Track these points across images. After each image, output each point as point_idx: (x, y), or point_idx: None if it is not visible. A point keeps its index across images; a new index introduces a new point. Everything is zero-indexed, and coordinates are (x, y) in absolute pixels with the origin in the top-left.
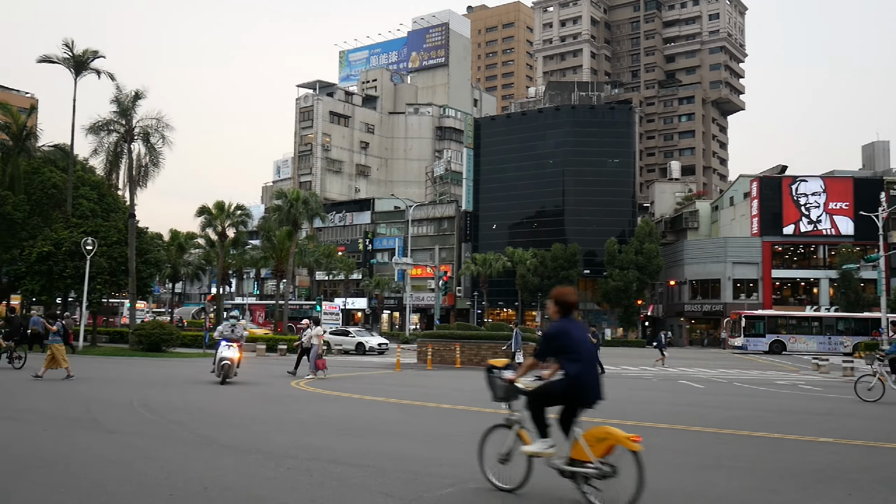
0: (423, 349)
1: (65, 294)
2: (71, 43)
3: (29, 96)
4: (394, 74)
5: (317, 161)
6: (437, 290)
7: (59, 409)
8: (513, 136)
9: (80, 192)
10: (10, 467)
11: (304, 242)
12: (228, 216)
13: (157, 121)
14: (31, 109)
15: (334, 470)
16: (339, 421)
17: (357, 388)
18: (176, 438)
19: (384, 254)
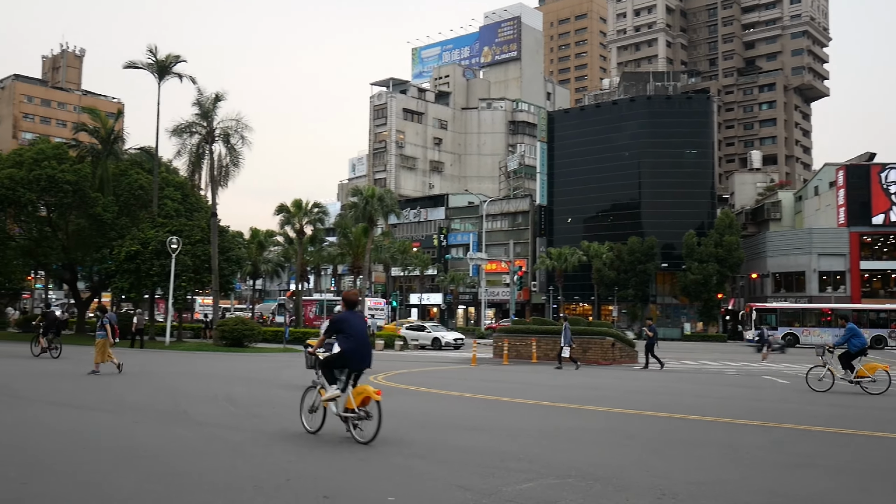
0: (499, 344)
1: (152, 291)
2: (154, 49)
3: (116, 101)
4: (466, 70)
5: (391, 158)
6: (511, 284)
7: (148, 403)
8: (587, 128)
9: (165, 192)
10: (104, 458)
11: (380, 239)
12: (306, 214)
13: (237, 122)
14: (118, 114)
15: (413, 463)
16: (416, 415)
17: (433, 383)
18: (259, 431)
19: (458, 249)
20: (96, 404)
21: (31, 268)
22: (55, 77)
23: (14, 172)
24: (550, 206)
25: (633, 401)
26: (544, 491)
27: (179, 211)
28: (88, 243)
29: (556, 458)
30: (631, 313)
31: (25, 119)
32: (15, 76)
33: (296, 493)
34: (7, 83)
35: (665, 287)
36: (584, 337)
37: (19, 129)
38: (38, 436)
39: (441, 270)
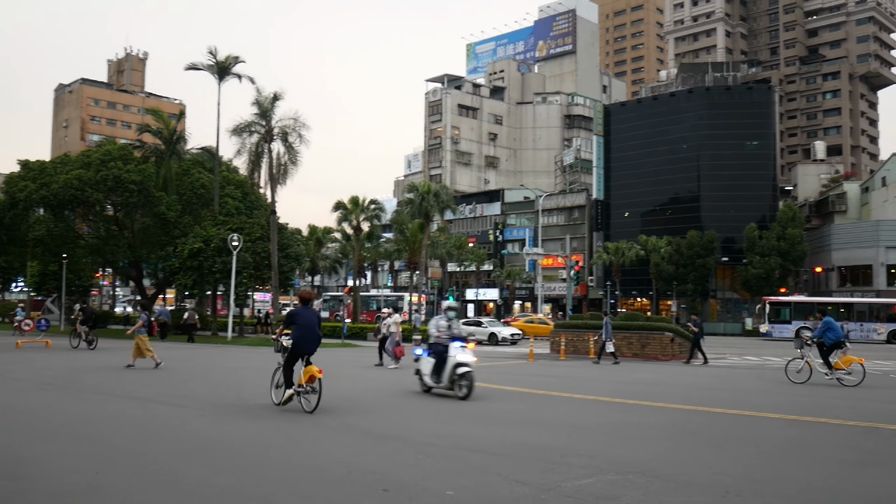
0: (556, 339)
1: (214, 288)
2: (214, 50)
3: (178, 102)
4: (521, 64)
5: (446, 154)
6: (568, 279)
7: (213, 396)
8: (644, 121)
9: (226, 191)
10: (173, 449)
11: (436, 234)
12: (363, 210)
13: (295, 120)
14: (180, 115)
15: (472, 458)
16: (473, 410)
17: (491, 378)
18: (320, 425)
19: (514, 244)
20: (160, 397)
21: (99, 265)
22: (120, 80)
23: (82, 173)
24: (607, 201)
25: (694, 397)
26: (604, 487)
27: (240, 209)
28: (153, 241)
29: (616, 454)
30: (690, 308)
31: (92, 122)
32: (82, 80)
33: (356, 484)
34: (75, 87)
35: (725, 282)
36: (643, 332)
37: (87, 131)
38: (108, 428)
39: (497, 266)
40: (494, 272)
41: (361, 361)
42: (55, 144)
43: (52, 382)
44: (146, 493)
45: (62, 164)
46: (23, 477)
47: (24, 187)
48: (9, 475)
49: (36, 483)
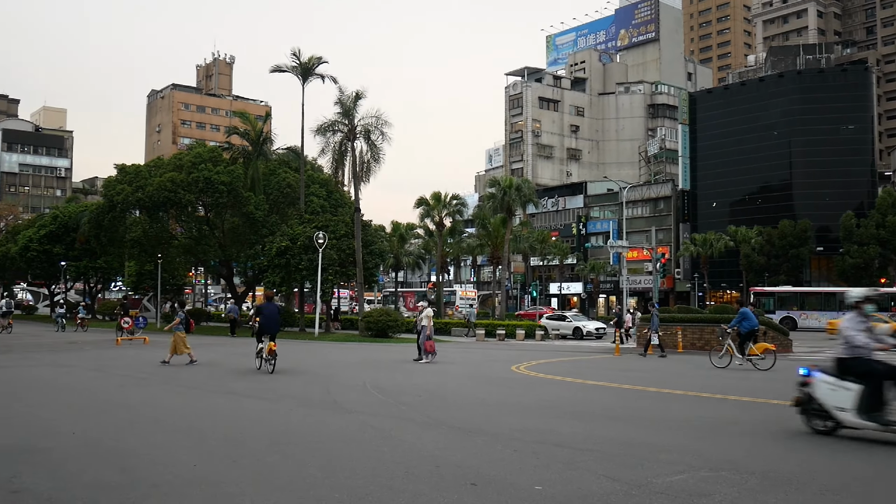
0: (643, 333)
1: (301, 285)
2: (298, 52)
3: (263, 104)
4: (602, 54)
5: (527, 147)
6: (654, 272)
7: (303, 391)
8: (732, 108)
9: (311, 189)
10: (264, 444)
11: (518, 229)
12: (445, 206)
13: (377, 119)
14: (266, 116)
15: (560, 453)
16: (562, 405)
17: (576, 373)
18: (407, 419)
19: (598, 237)
20: (252, 392)
21: (191, 264)
22: (208, 84)
23: (175, 176)
24: (694, 191)
25: (785, 391)
26: (697, 483)
27: (325, 207)
28: (242, 240)
29: (707, 450)
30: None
31: (183, 125)
32: (173, 86)
33: (444, 478)
34: (166, 93)
35: (821, 272)
36: None
37: (178, 135)
38: (204, 421)
39: (580, 259)
40: (578, 266)
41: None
42: (149, 148)
43: (149, 378)
44: (241, 485)
45: (156, 167)
46: (127, 469)
47: (121, 190)
48: (116, 466)
49: (139, 474)
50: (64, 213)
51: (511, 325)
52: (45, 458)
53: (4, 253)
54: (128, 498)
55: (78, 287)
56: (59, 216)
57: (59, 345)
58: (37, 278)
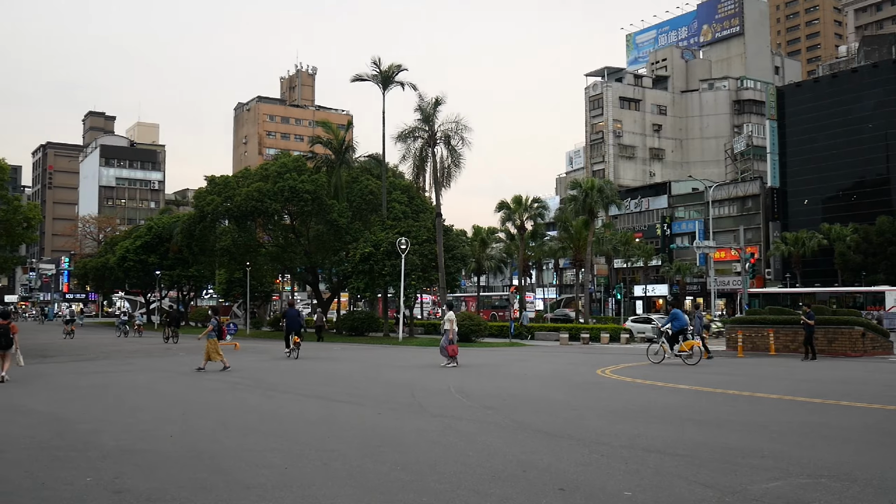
0: (733, 336)
1: (384, 290)
2: (378, 60)
3: (345, 113)
4: (684, 51)
5: (609, 148)
6: (743, 273)
7: (388, 395)
8: (822, 101)
9: (393, 196)
10: (353, 446)
11: (601, 231)
12: (526, 209)
13: (456, 124)
14: (348, 125)
15: (649, 458)
16: (650, 409)
17: (662, 376)
18: (492, 423)
19: (684, 238)
20: (340, 395)
21: (278, 272)
22: (292, 96)
23: (261, 185)
24: (783, 188)
25: (887, 395)
26: (794, 491)
27: (406, 213)
28: (327, 247)
29: (804, 456)
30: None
31: (268, 136)
32: (258, 98)
33: (531, 483)
34: (252, 105)
35: None
36: (829, 327)
37: (263, 145)
38: (294, 424)
39: (665, 260)
40: (663, 267)
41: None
42: (236, 160)
43: (241, 382)
44: (331, 488)
45: (243, 177)
46: (222, 470)
47: (211, 201)
48: (211, 468)
49: (233, 476)
50: (158, 224)
51: (595, 329)
52: (145, 459)
53: (104, 263)
54: (223, 499)
55: (172, 295)
56: (153, 227)
57: (155, 351)
58: (133, 287)
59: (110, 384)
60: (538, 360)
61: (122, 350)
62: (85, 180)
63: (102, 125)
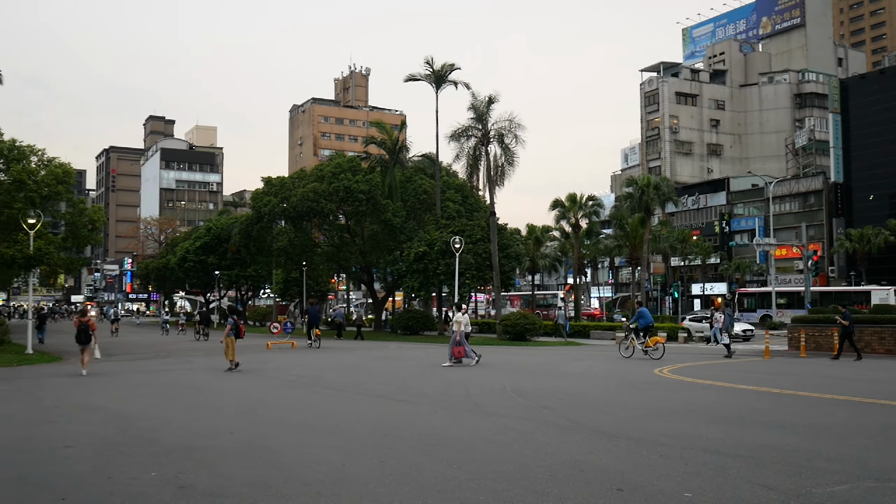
0: (795, 335)
1: (438, 289)
2: (431, 60)
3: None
4: (743, 44)
5: (665, 144)
6: (805, 270)
7: (444, 394)
8: (889, 93)
9: (447, 195)
10: (408, 445)
11: (657, 228)
12: (581, 207)
13: (510, 122)
14: (401, 125)
15: (709, 459)
16: (709, 409)
17: (723, 376)
18: (548, 422)
19: (743, 235)
20: (394, 394)
21: (334, 271)
22: (346, 97)
23: (317, 186)
24: (848, 183)
25: None
26: (862, 495)
27: (460, 212)
28: (381, 247)
29: (873, 459)
30: None
31: (323, 137)
32: (313, 100)
33: (589, 483)
34: (307, 107)
35: None
36: (886, 326)
37: (318, 147)
38: (350, 422)
39: (724, 258)
40: (721, 265)
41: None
42: (292, 161)
43: (297, 380)
44: (388, 485)
45: (299, 178)
46: (280, 467)
47: (268, 202)
48: (270, 465)
49: (291, 472)
50: (216, 226)
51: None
52: (207, 456)
53: (165, 264)
54: (282, 495)
55: (230, 295)
56: (212, 228)
57: (213, 350)
58: (193, 287)
59: (170, 382)
60: (594, 360)
61: (165, 348)
62: (146, 183)
63: (162, 129)
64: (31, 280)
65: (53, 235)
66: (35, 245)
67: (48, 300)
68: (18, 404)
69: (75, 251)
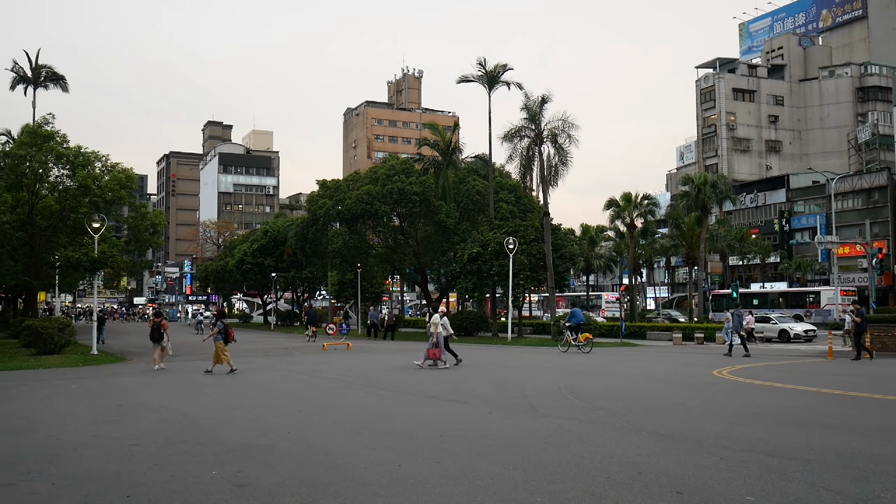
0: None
1: (492, 290)
2: (483, 61)
3: (451, 115)
4: (802, 38)
5: (722, 142)
6: (870, 269)
7: (498, 394)
8: None
9: (500, 195)
10: (465, 444)
11: (715, 227)
12: (636, 207)
13: (563, 122)
14: (454, 126)
15: (771, 462)
16: (771, 411)
17: (784, 378)
18: (604, 424)
19: (804, 233)
20: (449, 395)
21: (388, 273)
22: (399, 99)
23: (371, 188)
24: None
25: None
26: None
27: (514, 212)
28: (435, 248)
29: None
30: None
31: (377, 140)
32: (367, 103)
33: (647, 485)
34: (360, 110)
35: None
36: None
37: (372, 149)
38: (406, 423)
39: (784, 257)
40: (782, 264)
41: (646, 362)
42: (346, 163)
43: (354, 381)
44: (446, 486)
45: (353, 181)
46: (338, 466)
47: (323, 205)
48: (328, 464)
49: (349, 472)
50: (273, 228)
51: (710, 328)
52: (266, 455)
53: (223, 266)
54: (340, 495)
55: (287, 296)
56: (268, 231)
57: (272, 350)
58: (251, 289)
59: (230, 381)
60: (650, 361)
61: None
62: (205, 187)
63: (220, 134)
64: (95, 282)
65: (117, 239)
66: (99, 248)
67: (112, 302)
68: (86, 403)
69: (137, 254)
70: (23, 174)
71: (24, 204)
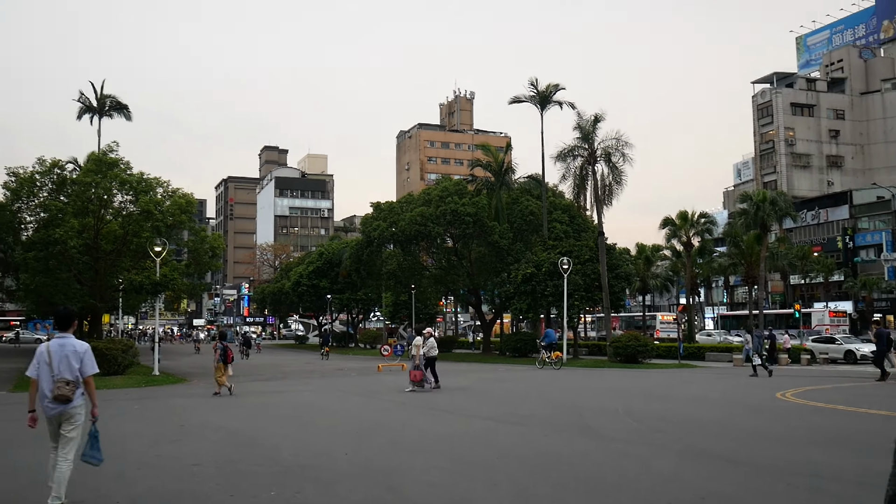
0: None
1: (547, 311)
2: (535, 81)
3: (503, 135)
4: (862, 50)
5: (780, 158)
6: None
7: (555, 416)
8: None
9: (553, 216)
10: (518, 465)
11: (775, 245)
12: (692, 225)
13: (617, 140)
14: (506, 147)
15: (836, 488)
16: (836, 435)
17: (850, 401)
18: (664, 446)
19: (869, 250)
20: (504, 416)
21: (442, 294)
22: (451, 121)
23: (424, 210)
24: None
25: None
26: None
27: (567, 232)
28: (488, 269)
29: None
30: None
31: (429, 162)
32: (419, 125)
33: None
34: (413, 132)
35: None
36: None
37: (425, 171)
38: (460, 444)
39: (849, 275)
40: (846, 282)
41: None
42: (399, 185)
43: (408, 403)
44: None
45: (406, 203)
46: (393, 488)
47: (377, 227)
48: (383, 486)
49: (404, 493)
50: (328, 250)
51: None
52: (323, 475)
53: (280, 288)
54: None
55: (342, 318)
56: (323, 253)
57: (327, 371)
58: (307, 310)
59: (288, 403)
60: (710, 383)
61: (282, 370)
62: (262, 210)
63: (276, 158)
64: (157, 305)
65: (177, 262)
66: (161, 272)
67: (172, 324)
68: (149, 423)
69: (197, 277)
70: (89, 200)
71: (90, 229)
